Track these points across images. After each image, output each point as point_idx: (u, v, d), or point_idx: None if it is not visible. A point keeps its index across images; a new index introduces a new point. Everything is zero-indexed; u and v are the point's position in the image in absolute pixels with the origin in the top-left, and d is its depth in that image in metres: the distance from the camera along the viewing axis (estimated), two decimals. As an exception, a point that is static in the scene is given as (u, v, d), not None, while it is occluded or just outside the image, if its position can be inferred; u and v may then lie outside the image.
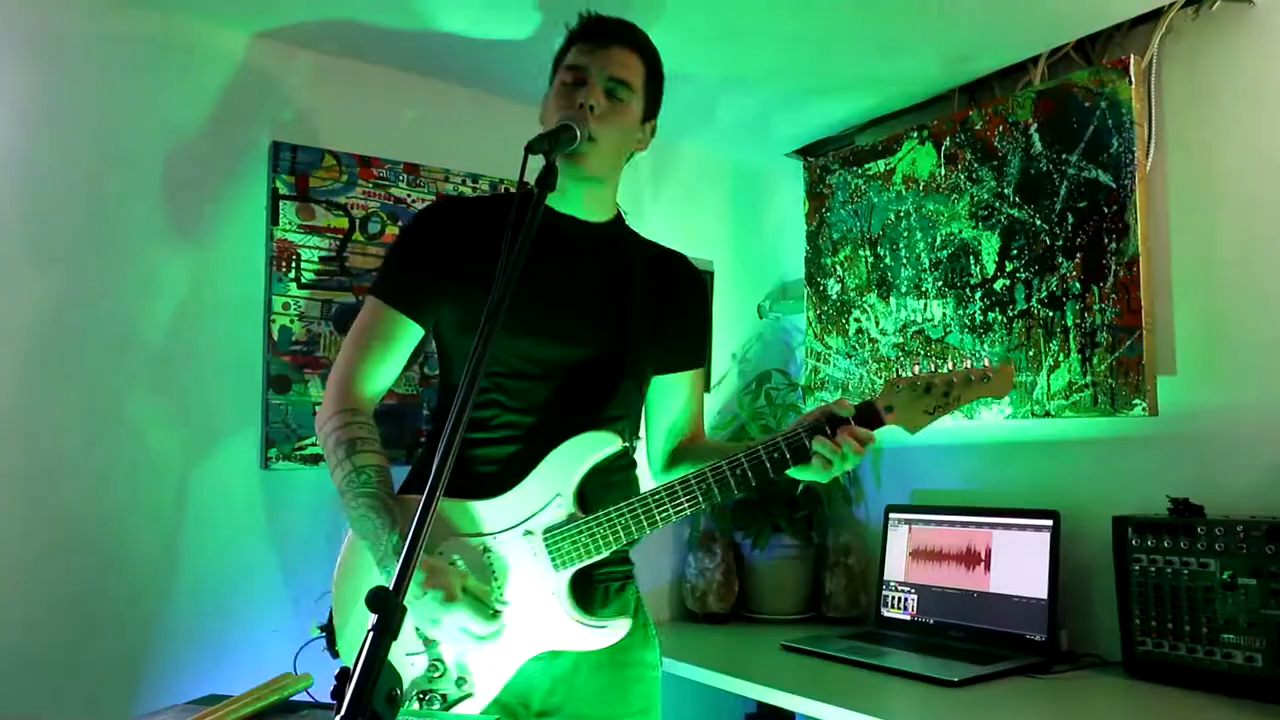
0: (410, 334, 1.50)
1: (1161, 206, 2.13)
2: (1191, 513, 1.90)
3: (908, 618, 2.38)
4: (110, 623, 1.94)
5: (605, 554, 1.43)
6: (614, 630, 1.45)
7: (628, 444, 1.51)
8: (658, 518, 1.42)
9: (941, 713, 1.75)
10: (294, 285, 2.20)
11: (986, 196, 2.40)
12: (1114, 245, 2.12)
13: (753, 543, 2.66)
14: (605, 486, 1.48)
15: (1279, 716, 1.64)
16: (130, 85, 2.03)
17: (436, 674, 1.40)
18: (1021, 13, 2.08)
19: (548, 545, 1.42)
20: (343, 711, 0.90)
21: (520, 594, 1.42)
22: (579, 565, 1.42)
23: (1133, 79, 2.11)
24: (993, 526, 2.27)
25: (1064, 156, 2.23)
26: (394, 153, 2.36)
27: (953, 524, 2.36)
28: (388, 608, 0.95)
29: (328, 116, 2.28)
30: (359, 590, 1.42)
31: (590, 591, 1.49)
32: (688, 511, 1.43)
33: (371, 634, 0.93)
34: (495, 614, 1.36)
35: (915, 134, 2.57)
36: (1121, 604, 1.94)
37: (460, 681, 1.40)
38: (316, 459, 2.19)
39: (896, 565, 2.45)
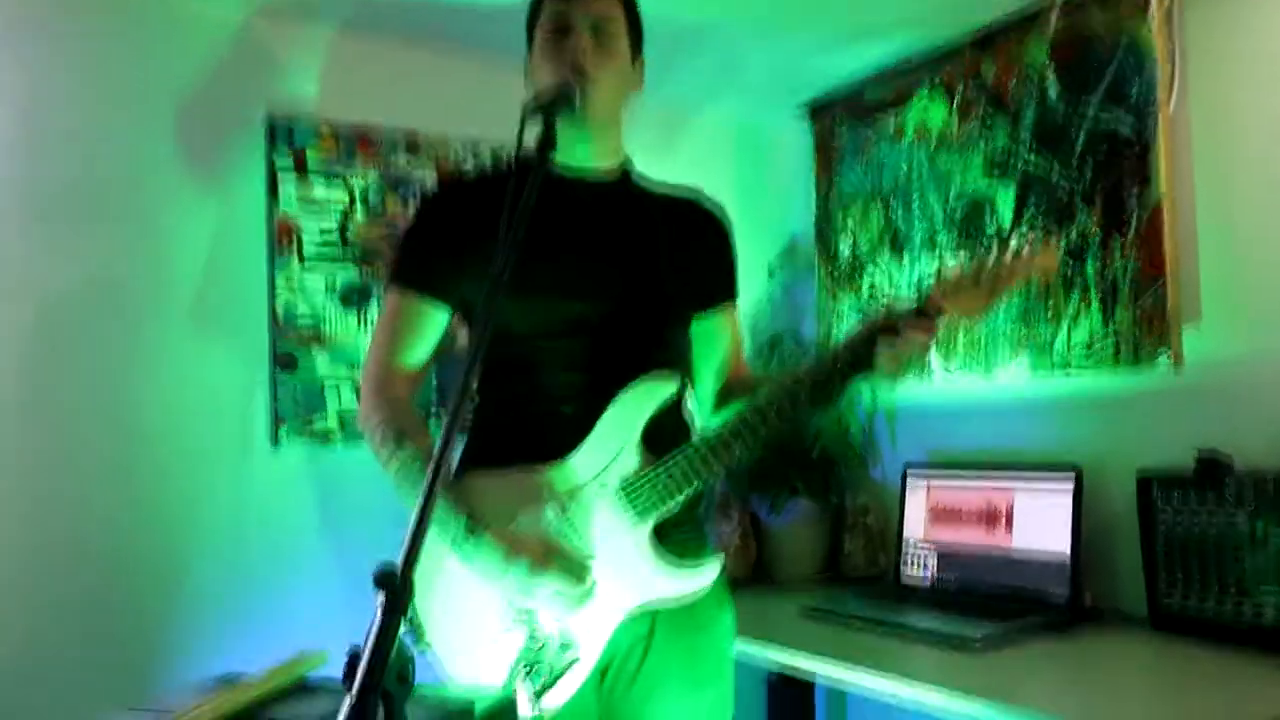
0: (436, 316, 1.49)
1: (1185, 151, 2.06)
2: (1219, 466, 1.86)
3: (928, 577, 2.36)
4: (124, 603, 1.94)
5: (685, 495, 1.40)
6: (707, 571, 1.43)
7: (684, 385, 1.47)
8: (735, 448, 1.39)
9: (965, 673, 1.73)
10: (296, 262, 2.17)
11: (1001, 147, 2.33)
12: (1136, 192, 2.06)
13: (770, 506, 2.63)
14: (668, 431, 1.44)
15: (1311, 669, 1.61)
16: (122, 66, 2.01)
17: (537, 645, 1.38)
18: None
19: (626, 497, 1.40)
20: (354, 692, 0.89)
21: (606, 551, 1.40)
22: (660, 512, 1.40)
23: (1154, 18, 2.03)
24: (1013, 484, 2.23)
25: (1082, 101, 2.16)
26: (392, 124, 2.32)
27: (972, 482, 2.32)
28: (395, 585, 0.92)
29: (323, 90, 2.24)
30: (431, 579, 1.41)
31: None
32: (763, 436, 1.39)
33: (380, 613, 0.91)
34: (585, 570, 1.35)
35: (926, 85, 2.51)
36: (1147, 560, 1.91)
37: (564, 647, 1.38)
38: (326, 435, 2.18)
39: (915, 525, 2.42)
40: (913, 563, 2.40)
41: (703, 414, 1.68)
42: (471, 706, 1.47)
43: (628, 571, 1.40)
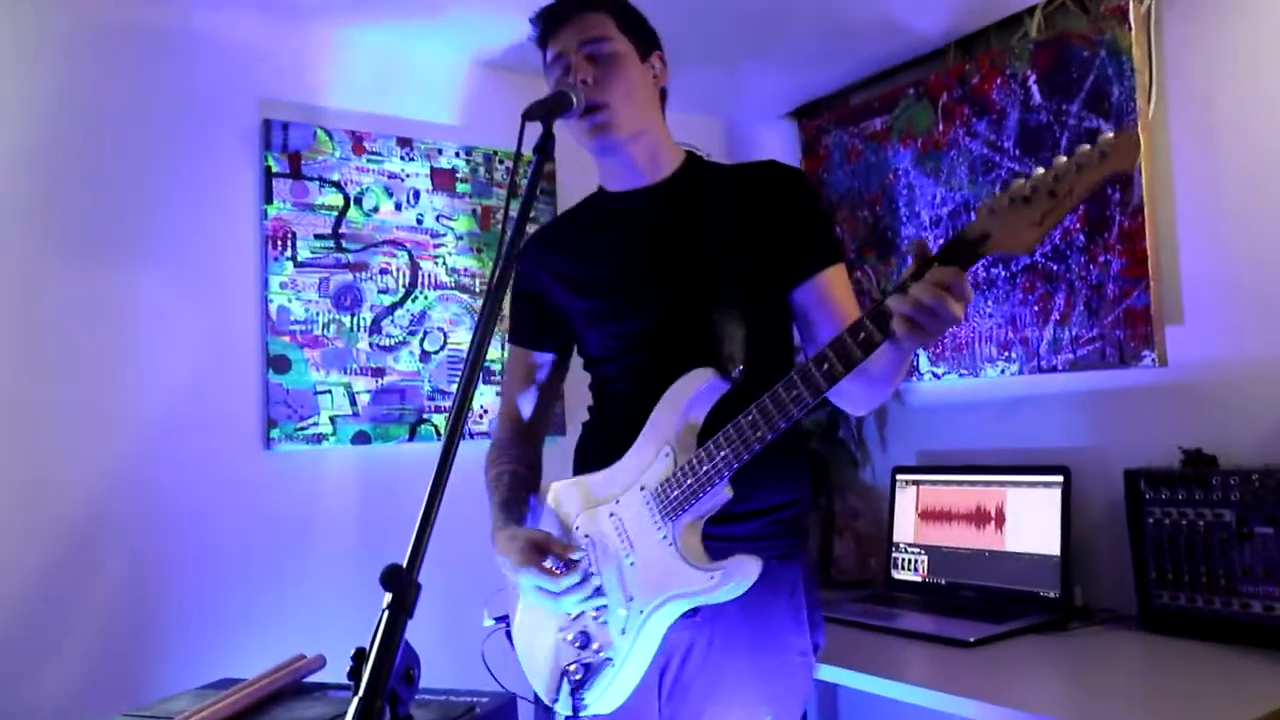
0: (540, 361, 1.62)
1: (1165, 155, 2.09)
2: (1204, 463, 1.89)
3: (919, 579, 2.37)
4: (121, 608, 1.93)
5: (715, 489, 1.32)
6: (733, 569, 1.30)
7: (731, 374, 1.38)
8: (752, 438, 1.29)
9: (958, 673, 1.74)
10: (290, 264, 2.16)
11: (986, 151, 2.36)
12: (1118, 196, 2.09)
13: (760, 509, 2.64)
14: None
15: (1299, 664, 1.63)
16: (116, 73, 2.00)
17: (577, 644, 1.41)
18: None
19: (658, 497, 1.38)
20: (360, 692, 0.88)
21: (643, 551, 1.39)
22: (692, 509, 1.35)
23: (1132, 25, 2.07)
24: (1002, 485, 2.25)
25: (1064, 107, 2.20)
26: (385, 127, 2.32)
27: (961, 483, 2.34)
28: (401, 585, 0.93)
29: (318, 92, 2.24)
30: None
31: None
32: (782, 427, 1.28)
33: (387, 612, 0.91)
34: (571, 564, 1.37)
35: (911, 90, 2.54)
36: (1136, 557, 1.93)
37: (600, 649, 1.39)
38: (319, 439, 2.17)
39: (905, 527, 2.44)
40: (903, 565, 2.42)
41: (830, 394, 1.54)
42: (473, 709, 1.48)
43: (657, 571, 1.37)
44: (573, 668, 1.39)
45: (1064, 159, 1.11)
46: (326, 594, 2.15)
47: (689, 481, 1.35)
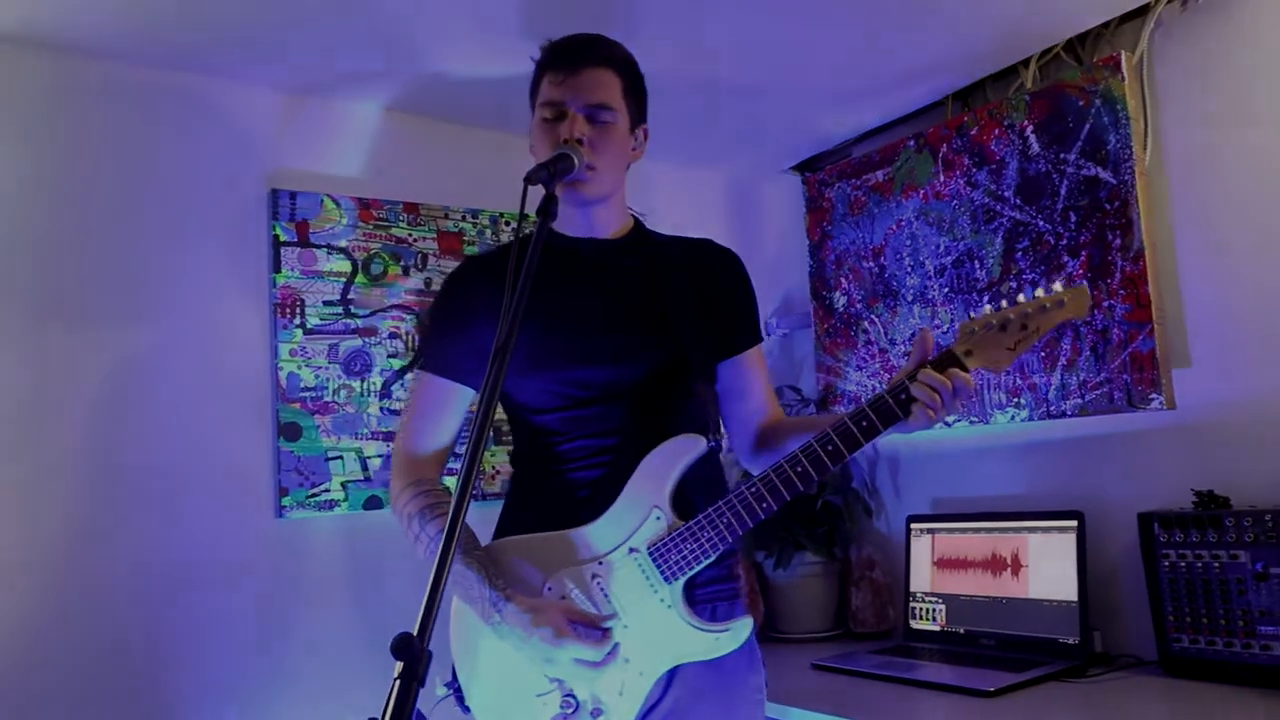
0: (460, 396, 1.52)
1: (1164, 200, 2.11)
2: (1217, 505, 1.88)
3: (937, 628, 2.35)
4: (132, 677, 1.93)
5: (714, 556, 1.40)
6: (737, 631, 1.41)
7: (712, 442, 1.46)
8: (758, 510, 1.38)
9: (980, 724, 1.72)
10: (300, 331, 2.19)
11: (987, 200, 2.39)
12: (1119, 241, 2.11)
13: (775, 562, 2.63)
14: (697, 487, 1.44)
15: (1323, 707, 1.61)
16: (123, 145, 2.05)
17: (570, 710, 1.38)
18: (1010, 17, 2.08)
19: (654, 560, 1.40)
20: (373, 762, 0.89)
21: (637, 614, 1.40)
22: (690, 573, 1.40)
23: (1125, 75, 2.10)
24: (1016, 531, 2.24)
25: (1062, 156, 2.23)
26: (392, 193, 2.36)
27: (975, 530, 2.33)
28: (412, 653, 0.93)
29: (324, 161, 2.29)
30: (476, 647, 1.43)
31: (698, 611, 1.45)
32: (787, 497, 1.38)
33: (398, 682, 0.91)
34: (607, 637, 1.36)
35: (911, 142, 2.57)
36: (1154, 601, 1.91)
37: (596, 712, 1.38)
38: (331, 505, 2.18)
39: (922, 576, 2.42)
40: (921, 614, 2.40)
41: (741, 458, 1.67)
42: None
43: (658, 634, 1.39)
44: None
45: (1041, 296, 1.35)
46: (339, 662, 2.14)
47: (690, 546, 1.38)
